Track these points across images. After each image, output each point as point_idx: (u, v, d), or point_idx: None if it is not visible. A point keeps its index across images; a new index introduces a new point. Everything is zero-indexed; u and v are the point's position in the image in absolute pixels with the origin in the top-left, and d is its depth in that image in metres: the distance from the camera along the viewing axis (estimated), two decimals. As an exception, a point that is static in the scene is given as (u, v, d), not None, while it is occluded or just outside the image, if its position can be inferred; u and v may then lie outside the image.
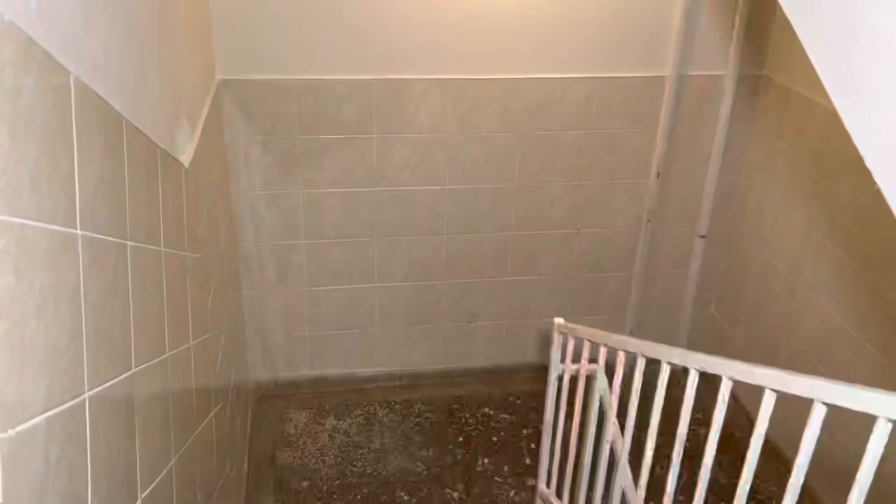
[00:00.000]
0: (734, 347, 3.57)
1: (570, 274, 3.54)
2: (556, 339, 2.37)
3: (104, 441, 1.17)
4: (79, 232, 1.08)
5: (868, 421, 1.08)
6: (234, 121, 3.01)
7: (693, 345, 3.80)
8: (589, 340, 2.11)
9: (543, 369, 3.74)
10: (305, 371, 3.57)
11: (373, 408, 3.50)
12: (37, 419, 0.89)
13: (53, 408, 0.95)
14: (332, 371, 3.59)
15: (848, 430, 1.72)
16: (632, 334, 3.69)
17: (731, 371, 1.28)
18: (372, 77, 3.01)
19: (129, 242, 1.37)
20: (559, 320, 2.37)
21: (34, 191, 0.91)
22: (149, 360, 1.51)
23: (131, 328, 1.37)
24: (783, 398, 1.25)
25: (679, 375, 1.68)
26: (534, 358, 3.72)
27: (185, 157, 2.07)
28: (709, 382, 1.61)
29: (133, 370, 1.37)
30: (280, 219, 3.23)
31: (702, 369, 1.41)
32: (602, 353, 2.01)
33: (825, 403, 1.05)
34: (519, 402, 3.57)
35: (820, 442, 1.23)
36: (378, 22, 2.91)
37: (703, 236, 3.51)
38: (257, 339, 3.46)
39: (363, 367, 3.62)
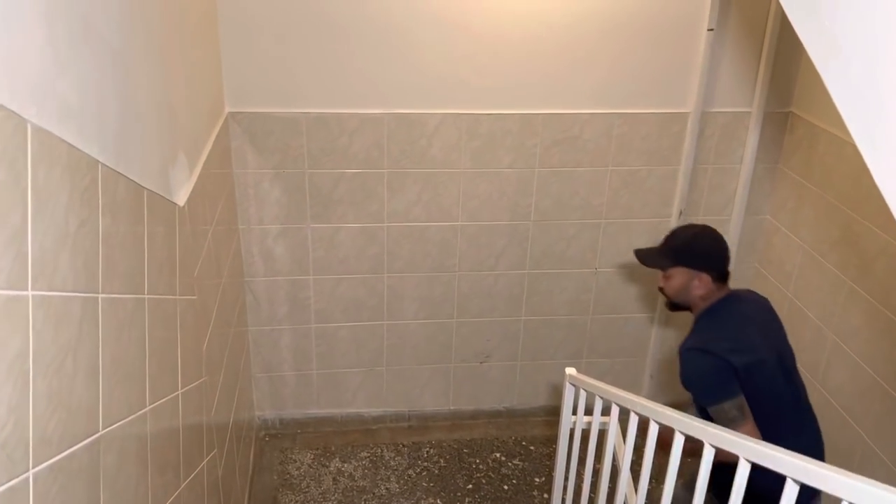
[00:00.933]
0: (759, 395, 3.39)
1: (587, 315, 3.40)
2: (568, 391, 2.24)
3: (56, 517, 1.07)
4: (29, 293, 1.00)
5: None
6: (244, 154, 2.95)
7: (716, 390, 3.63)
8: (600, 397, 1.98)
9: (558, 413, 3.59)
10: (312, 410, 3.47)
11: (379, 450, 3.38)
12: (-44, 512, 0.80)
13: (-19, 495, 0.86)
14: (338, 410, 3.48)
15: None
16: (651, 378, 3.54)
17: (749, 453, 1.16)
18: (383, 111, 2.94)
19: (100, 295, 1.29)
20: (570, 371, 2.25)
21: (-36, 256, 0.83)
22: (123, 416, 1.42)
23: (100, 387, 1.28)
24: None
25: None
26: (548, 401, 3.58)
27: (182, 196, 2.00)
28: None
29: (101, 432, 1.28)
30: (288, 253, 3.15)
31: (718, 446, 1.28)
32: (614, 410, 1.88)
33: (856, 506, 0.92)
34: (532, 448, 3.42)
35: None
36: (390, 55, 2.84)
37: (727, 278, 3.35)
38: (263, 377, 3.37)
39: (370, 407, 3.51)
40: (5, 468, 0.92)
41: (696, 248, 2.17)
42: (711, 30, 2.89)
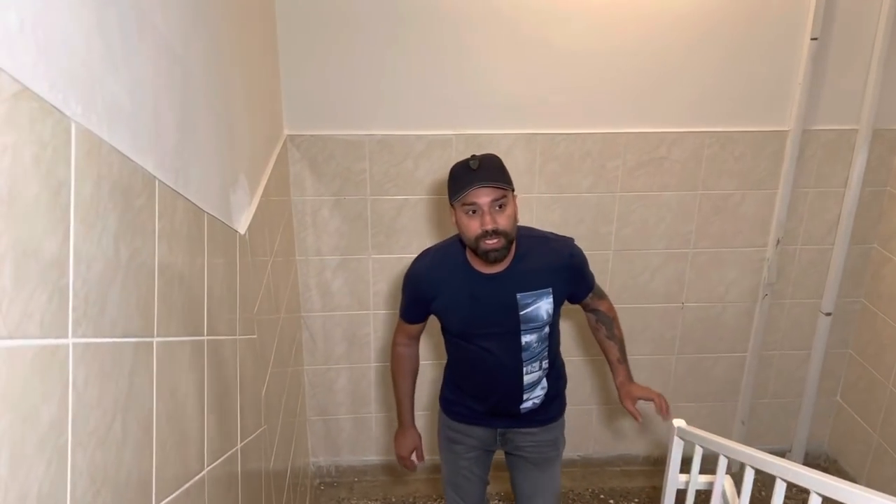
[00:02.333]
0: (866, 444, 3.03)
1: (671, 354, 3.09)
2: (675, 445, 1.94)
3: None
4: (69, 341, 0.77)
5: None
6: (302, 180, 2.74)
7: (814, 438, 3.28)
8: (725, 456, 1.68)
9: (641, 462, 3.28)
10: (370, 456, 3.20)
11: (444, 502, 3.09)
12: None
13: None
14: (399, 457, 3.21)
15: None
16: (743, 425, 3.20)
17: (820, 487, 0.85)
18: (451, 132, 2.71)
19: (155, 339, 1.06)
20: (680, 422, 1.95)
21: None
22: (180, 485, 1.18)
23: (153, 453, 1.04)
24: None
25: None
26: (628, 450, 3.26)
27: (243, 223, 1.78)
28: None
29: (152, 508, 1.04)
30: (347, 287, 2.92)
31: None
32: (748, 477, 1.57)
33: None
34: (611, 501, 3.10)
35: None
36: (459, 72, 2.63)
37: (828, 314, 3.02)
38: (318, 420, 3.12)
39: (433, 454, 3.22)
40: (31, 581, 0.68)
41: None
42: (815, 39, 2.61)
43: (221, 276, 1.51)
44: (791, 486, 1.41)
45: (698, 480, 1.83)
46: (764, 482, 1.49)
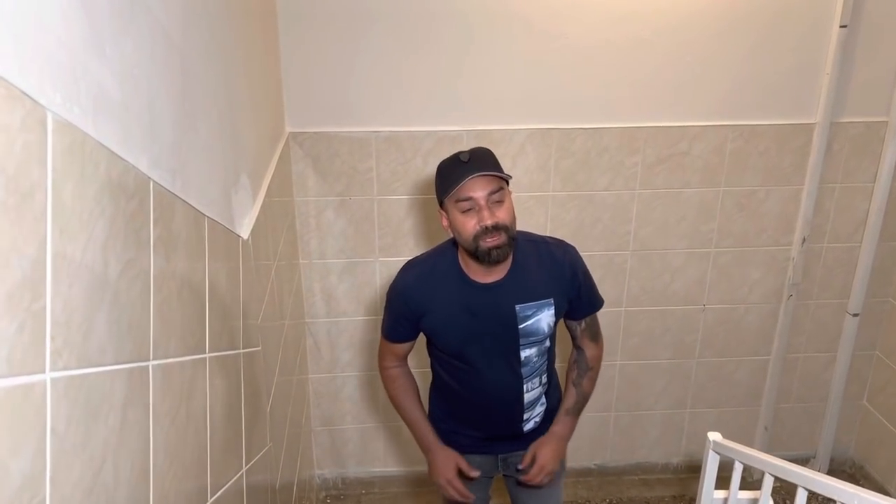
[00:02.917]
0: (894, 449, 2.91)
1: (692, 359, 2.96)
2: (710, 460, 1.82)
3: None
4: (47, 376, 0.64)
5: None
6: (306, 179, 2.61)
7: (840, 443, 3.15)
8: (770, 474, 1.55)
9: (660, 471, 3.15)
10: (377, 468, 3.07)
11: (456, 514, 2.96)
12: None
13: None
14: (408, 468, 3.08)
15: None
16: (766, 431, 3.07)
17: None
18: (462, 128, 2.58)
19: (151, 363, 0.93)
20: (715, 436, 1.82)
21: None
22: (179, 523, 1.05)
23: (150, 493, 0.91)
24: None
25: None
26: (646, 458, 3.13)
27: (245, 227, 1.65)
28: None
29: (150, 557, 0.91)
30: (354, 291, 2.79)
31: None
32: (801, 495, 1.44)
33: None
34: (631, 512, 2.97)
35: None
36: (470, 65, 2.50)
37: (855, 315, 2.90)
38: (323, 431, 2.99)
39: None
40: None
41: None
42: (844, 27, 2.49)
43: (224, 287, 1.37)
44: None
45: (737, 498, 1.70)
46: (789, 492, 1.38)
